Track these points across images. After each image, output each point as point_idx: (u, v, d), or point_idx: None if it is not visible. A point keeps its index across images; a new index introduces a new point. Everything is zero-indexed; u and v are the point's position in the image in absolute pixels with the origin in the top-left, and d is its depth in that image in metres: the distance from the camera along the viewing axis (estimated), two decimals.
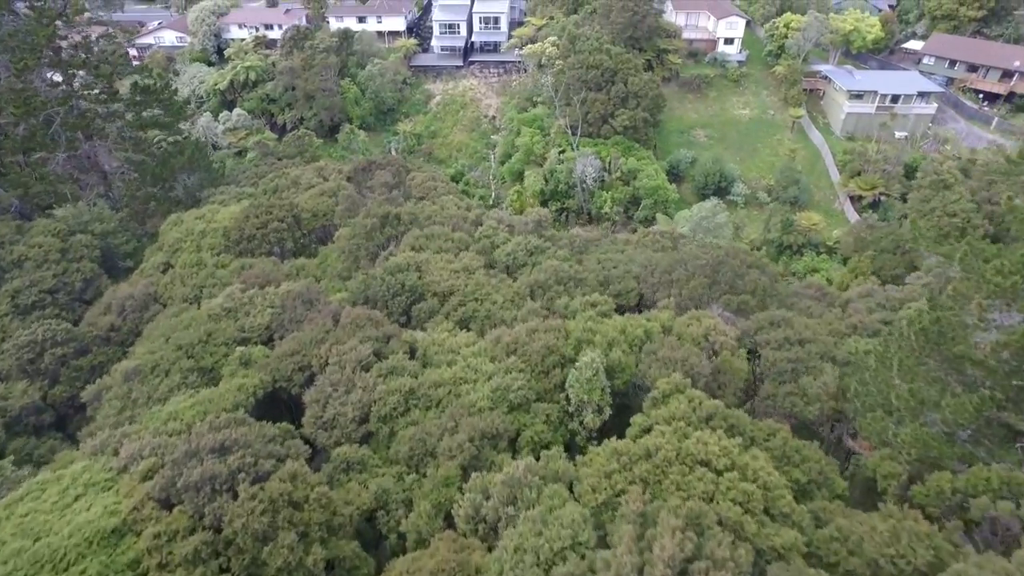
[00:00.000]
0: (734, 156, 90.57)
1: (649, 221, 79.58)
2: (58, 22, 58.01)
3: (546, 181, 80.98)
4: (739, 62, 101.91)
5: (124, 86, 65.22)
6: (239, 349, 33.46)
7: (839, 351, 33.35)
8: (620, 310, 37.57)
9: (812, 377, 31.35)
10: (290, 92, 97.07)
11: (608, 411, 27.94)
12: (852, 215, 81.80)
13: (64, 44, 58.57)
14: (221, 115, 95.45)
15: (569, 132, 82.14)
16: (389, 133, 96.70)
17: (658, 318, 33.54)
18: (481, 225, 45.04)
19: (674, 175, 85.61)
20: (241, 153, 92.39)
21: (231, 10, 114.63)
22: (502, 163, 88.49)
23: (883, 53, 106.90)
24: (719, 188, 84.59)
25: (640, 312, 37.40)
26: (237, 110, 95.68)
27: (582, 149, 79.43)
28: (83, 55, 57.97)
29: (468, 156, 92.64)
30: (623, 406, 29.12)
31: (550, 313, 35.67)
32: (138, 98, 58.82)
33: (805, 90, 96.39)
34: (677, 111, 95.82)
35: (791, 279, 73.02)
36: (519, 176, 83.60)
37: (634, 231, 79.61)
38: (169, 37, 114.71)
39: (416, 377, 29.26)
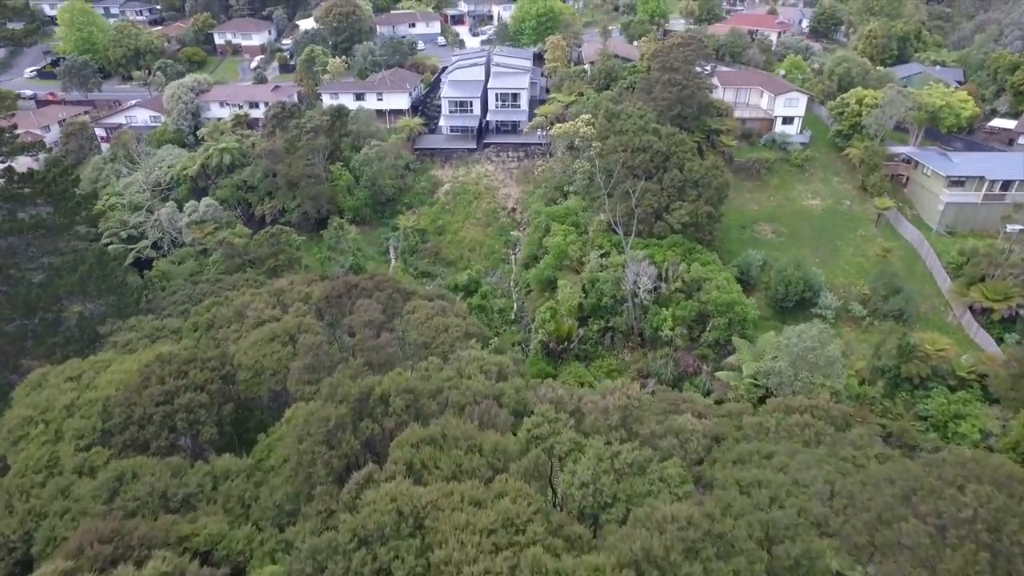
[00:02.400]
0: (811, 257, 73.14)
1: (721, 346, 61.19)
2: None
3: (585, 292, 63.20)
4: (802, 144, 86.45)
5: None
6: None
7: None
8: None
9: None
10: (270, 179, 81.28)
11: None
12: (980, 334, 63.38)
13: None
14: (187, 205, 79.18)
15: (617, 230, 65.04)
16: (388, 228, 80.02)
17: None
18: (528, 415, 26.43)
19: (742, 282, 67.81)
20: (206, 252, 75.45)
21: (213, 87, 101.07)
22: (526, 267, 71.11)
23: (962, 133, 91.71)
24: (802, 299, 66.66)
25: None
26: (206, 200, 79.45)
27: (632, 252, 62.05)
28: None
29: (483, 257, 75.50)
30: None
31: None
32: (15, 189, 41.09)
33: (886, 176, 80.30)
34: (735, 201, 79.18)
35: (924, 432, 54.08)
36: (549, 285, 65.92)
37: (702, 358, 61.18)
38: (142, 116, 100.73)
39: None
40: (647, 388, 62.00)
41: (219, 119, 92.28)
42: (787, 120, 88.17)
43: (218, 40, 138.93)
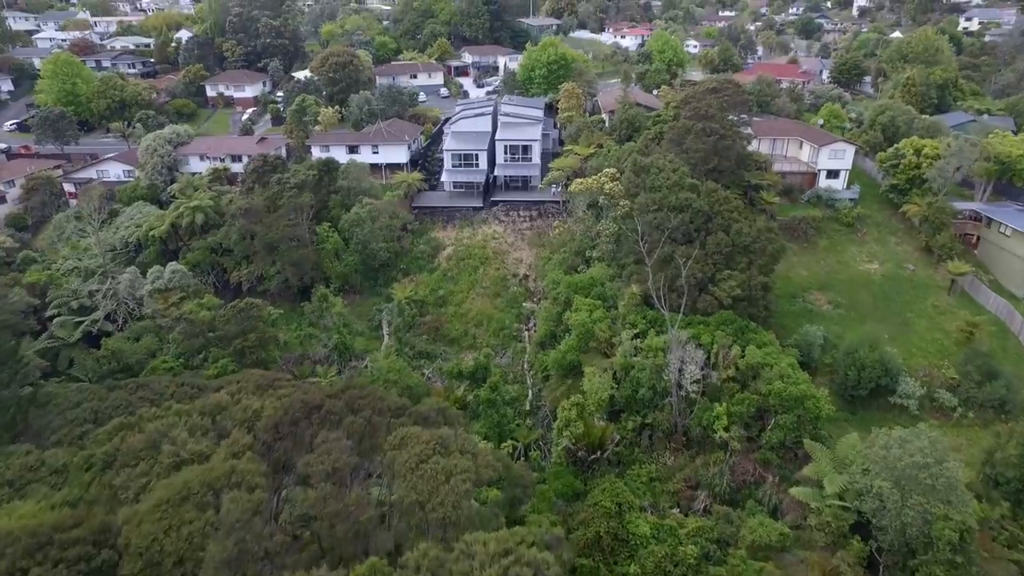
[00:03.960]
0: (877, 332, 61.80)
1: (787, 449, 49.34)
2: None
3: (617, 382, 51.83)
4: (851, 200, 76.40)
5: None
6: None
7: None
8: None
9: None
10: (248, 241, 71.09)
11: None
12: None
13: None
14: (151, 271, 68.77)
15: (659, 306, 53.95)
16: (381, 299, 69.23)
17: None
18: None
19: (801, 365, 56.29)
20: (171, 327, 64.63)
21: (194, 139, 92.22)
22: (543, 346, 59.93)
23: None
24: (878, 386, 55.12)
25: None
26: (173, 265, 69.02)
27: (678, 333, 50.87)
28: None
29: (491, 333, 64.43)
30: None
31: None
32: None
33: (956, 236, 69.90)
34: (781, 266, 67.93)
35: None
36: (572, 371, 54.60)
37: (764, 464, 49.19)
38: (115, 170, 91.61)
39: None
40: (698, 504, 50.04)
41: (195, 174, 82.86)
42: (832, 174, 78.40)
43: (210, 92, 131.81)
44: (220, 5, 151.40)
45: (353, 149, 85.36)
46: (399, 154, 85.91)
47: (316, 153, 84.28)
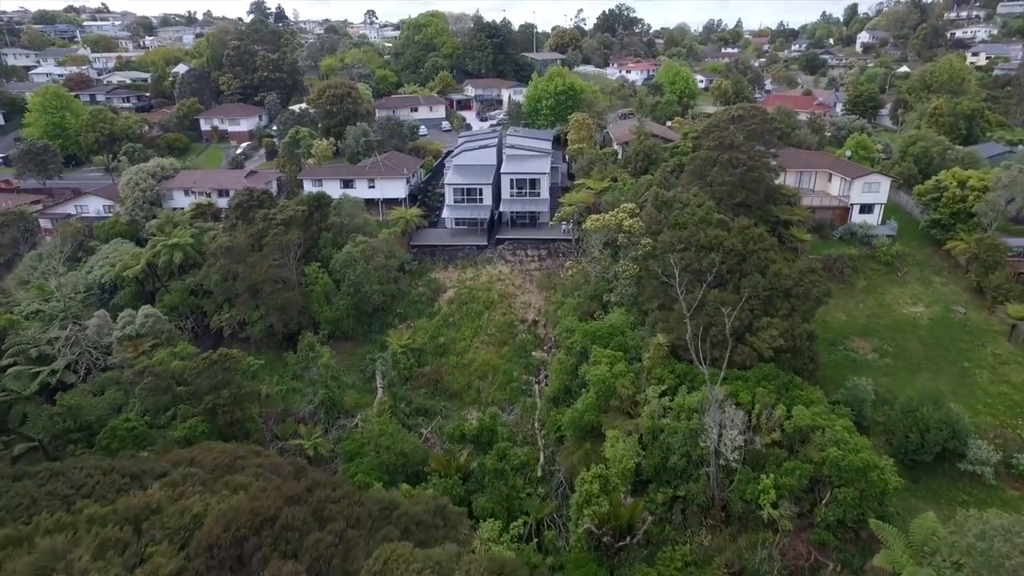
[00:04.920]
0: (932, 384, 54.69)
1: (847, 528, 41.92)
2: None
3: (643, 447, 44.73)
4: (889, 236, 70.10)
5: None
6: None
7: None
8: None
9: None
10: (230, 282, 64.68)
11: None
12: None
13: None
14: (121, 315, 62.32)
15: (696, 359, 47.08)
16: (374, 347, 62.45)
17: None
18: None
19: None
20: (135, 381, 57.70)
21: (179, 172, 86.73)
22: (555, 402, 52.89)
23: None
24: (944, 450, 47.83)
25: None
26: (146, 309, 62.60)
27: (715, 389, 43.94)
28: None
29: (497, 386, 57.47)
30: None
31: None
32: None
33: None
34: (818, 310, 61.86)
35: None
36: (590, 432, 47.53)
37: (820, 546, 41.68)
38: (95, 205, 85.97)
39: None
40: None
41: (177, 209, 77.06)
42: (865, 208, 72.34)
43: (204, 126, 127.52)
44: (218, 39, 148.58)
45: (348, 183, 79.66)
46: (397, 189, 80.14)
47: (308, 187, 78.57)
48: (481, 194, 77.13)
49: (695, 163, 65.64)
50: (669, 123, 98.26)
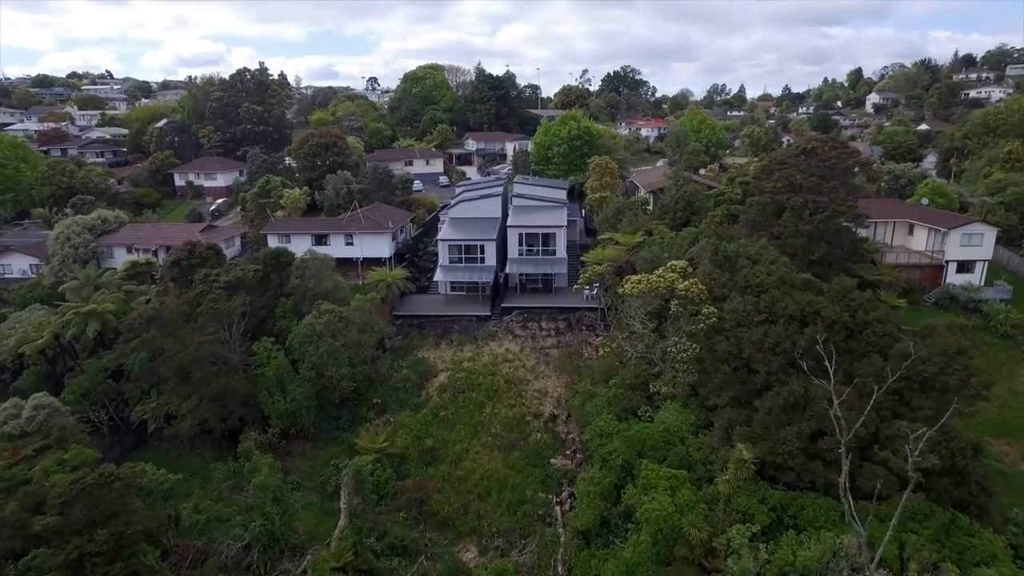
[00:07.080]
0: None
1: None
2: None
3: None
4: (1004, 302, 55.50)
5: None
6: None
7: None
8: None
9: None
10: (157, 361, 49.66)
11: None
12: None
13: None
14: (4, 405, 47.21)
15: (842, 492, 31.45)
16: (341, 449, 46.75)
17: None
18: None
19: None
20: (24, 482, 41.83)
21: (124, 226, 73.17)
22: (584, 537, 36.82)
23: None
24: None
25: None
26: (38, 398, 47.52)
27: (860, 542, 28.31)
28: None
29: (505, 510, 41.37)
30: None
31: None
32: None
33: None
34: None
35: None
36: None
37: None
38: (20, 264, 72.10)
39: None
40: None
41: (111, 270, 62.97)
42: (964, 266, 58.04)
43: (178, 181, 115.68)
44: (202, 92, 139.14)
45: (321, 239, 65.82)
46: (380, 246, 66.11)
47: (272, 243, 64.64)
48: (483, 252, 63.07)
49: (753, 210, 51.81)
50: (702, 171, 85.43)
